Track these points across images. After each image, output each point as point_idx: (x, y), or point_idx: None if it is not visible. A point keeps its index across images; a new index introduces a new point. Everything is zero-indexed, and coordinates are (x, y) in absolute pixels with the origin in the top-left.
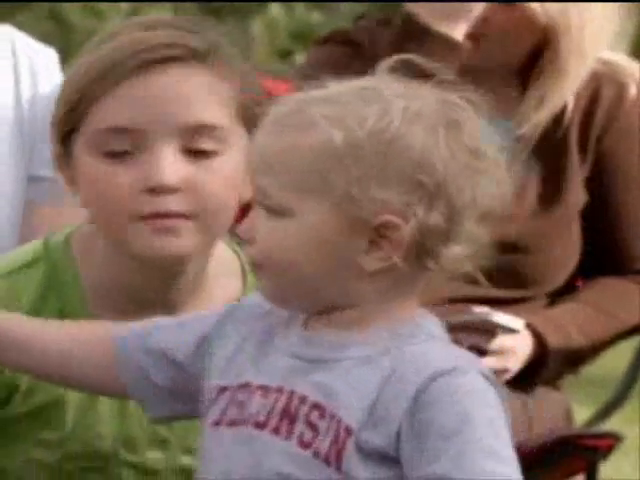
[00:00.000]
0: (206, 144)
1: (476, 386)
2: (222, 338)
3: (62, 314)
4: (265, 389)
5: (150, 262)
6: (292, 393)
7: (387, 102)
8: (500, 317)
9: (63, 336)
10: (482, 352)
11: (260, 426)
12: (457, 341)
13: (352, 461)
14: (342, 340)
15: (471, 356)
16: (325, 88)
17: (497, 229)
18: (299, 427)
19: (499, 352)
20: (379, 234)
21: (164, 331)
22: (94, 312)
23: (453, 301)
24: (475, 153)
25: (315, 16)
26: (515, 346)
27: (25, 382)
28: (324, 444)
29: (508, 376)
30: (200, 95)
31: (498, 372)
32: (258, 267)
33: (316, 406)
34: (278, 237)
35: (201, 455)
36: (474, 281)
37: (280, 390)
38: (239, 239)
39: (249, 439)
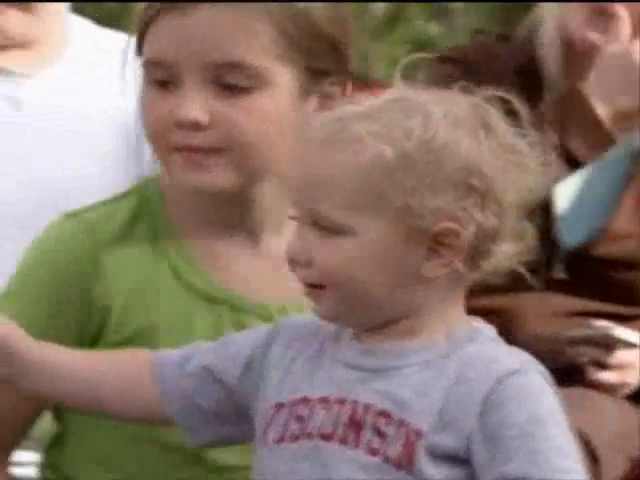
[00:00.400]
0: (238, 81)
1: (539, 386)
2: (270, 359)
3: (151, 240)
4: (325, 401)
5: (196, 193)
6: (356, 403)
7: (427, 111)
8: (621, 332)
9: (97, 365)
10: (602, 366)
11: (327, 438)
12: (578, 354)
13: (423, 463)
14: (400, 349)
15: (527, 355)
16: (359, 104)
17: (616, 246)
18: (366, 435)
19: (619, 366)
20: (438, 242)
21: (207, 352)
22: (181, 239)
23: (571, 314)
24: (512, 150)
25: (433, 28)
26: (636, 361)
27: (117, 306)
28: (394, 449)
29: (628, 390)
30: (232, 33)
31: (617, 386)
32: (318, 288)
33: (382, 413)
34: (339, 256)
35: (260, 474)
36: (591, 295)
37: (342, 401)
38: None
39: (316, 452)
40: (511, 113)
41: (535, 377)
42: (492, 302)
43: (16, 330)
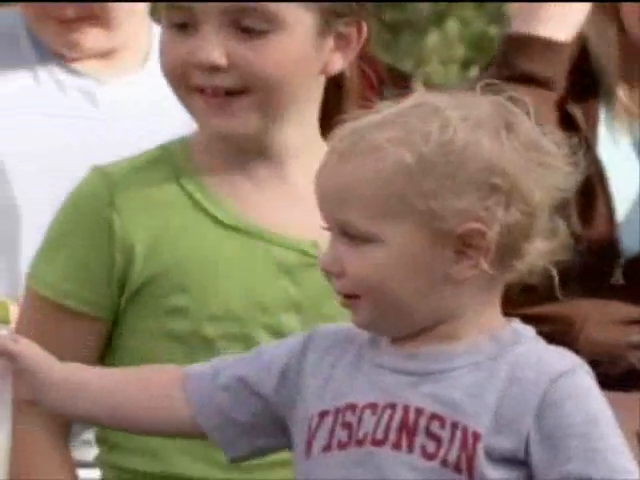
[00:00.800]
0: (255, 24)
1: (589, 385)
2: (307, 367)
3: (172, 181)
4: (374, 407)
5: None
6: (407, 407)
7: (445, 115)
8: None
9: (122, 382)
10: None
11: (379, 443)
12: (638, 359)
13: (483, 465)
14: (442, 352)
15: (573, 355)
16: (378, 112)
17: None
18: (420, 439)
19: None
20: (464, 243)
21: (240, 363)
22: (203, 177)
23: (630, 322)
24: (536, 148)
25: (492, 29)
26: None
27: (141, 245)
28: (451, 453)
29: None
30: None
31: None
32: (353, 298)
33: (435, 417)
34: (369, 264)
35: None
36: None
37: (392, 406)
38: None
39: (369, 458)
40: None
41: (584, 376)
42: (549, 309)
43: (37, 350)
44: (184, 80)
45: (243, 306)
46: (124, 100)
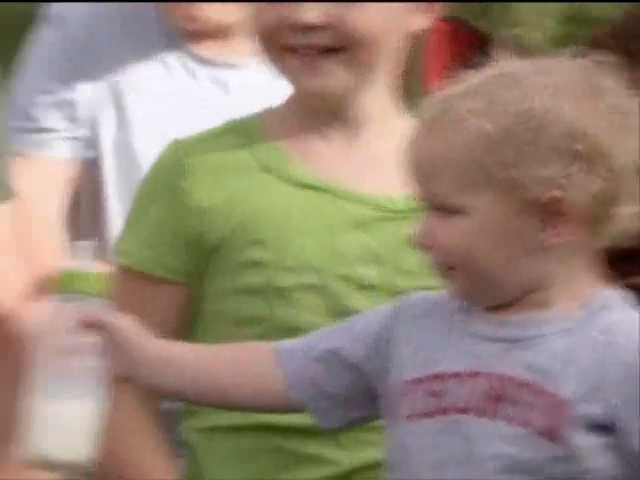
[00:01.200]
0: None
1: None
2: (399, 335)
3: (242, 145)
4: (462, 375)
5: (307, 102)
6: (493, 375)
7: (526, 83)
8: None
9: (215, 357)
10: None
11: (465, 412)
12: None
13: (570, 432)
14: (534, 319)
15: None
16: (463, 82)
17: None
18: (506, 407)
19: None
20: (548, 211)
21: (332, 336)
22: (274, 139)
23: None
24: (621, 112)
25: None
26: None
27: (212, 206)
28: (538, 419)
29: None
30: None
31: None
32: (449, 269)
33: (522, 384)
34: (457, 236)
35: (394, 451)
36: None
37: (477, 374)
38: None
39: (456, 426)
40: None
41: None
42: None
43: (133, 324)
44: (275, 40)
45: (319, 257)
46: (253, 85)
